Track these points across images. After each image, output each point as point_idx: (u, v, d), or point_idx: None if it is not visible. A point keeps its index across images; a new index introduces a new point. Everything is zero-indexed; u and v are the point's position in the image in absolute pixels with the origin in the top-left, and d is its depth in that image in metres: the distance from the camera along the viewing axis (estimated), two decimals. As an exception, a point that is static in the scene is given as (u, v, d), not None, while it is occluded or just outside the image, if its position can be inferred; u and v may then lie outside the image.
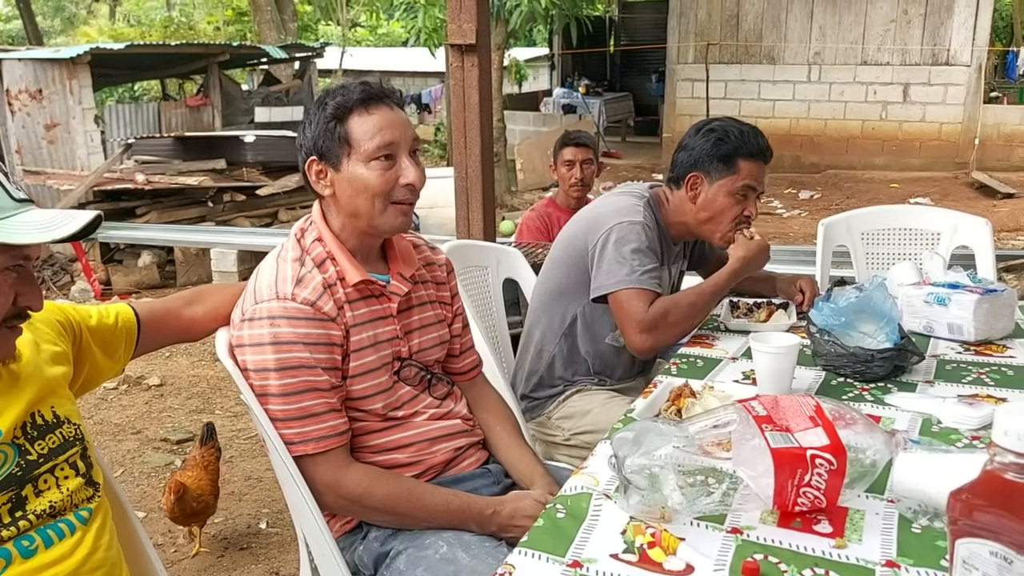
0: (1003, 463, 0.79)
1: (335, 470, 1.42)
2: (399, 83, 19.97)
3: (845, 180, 10.38)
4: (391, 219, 1.46)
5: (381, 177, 1.43)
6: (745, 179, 1.97)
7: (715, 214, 2.00)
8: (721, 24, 11.28)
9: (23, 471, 1.15)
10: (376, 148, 1.42)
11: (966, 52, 10.21)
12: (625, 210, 2.00)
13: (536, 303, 2.18)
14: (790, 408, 1.18)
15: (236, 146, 8.55)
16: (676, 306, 1.93)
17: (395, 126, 1.44)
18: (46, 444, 1.19)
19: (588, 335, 2.09)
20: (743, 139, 1.96)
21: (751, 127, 2.01)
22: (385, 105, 1.44)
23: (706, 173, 1.99)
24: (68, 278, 7.19)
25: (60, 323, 1.31)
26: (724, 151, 1.96)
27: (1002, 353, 1.83)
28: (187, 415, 3.95)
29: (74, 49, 9.30)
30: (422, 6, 9.37)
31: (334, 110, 1.43)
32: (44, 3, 23.56)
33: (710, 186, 1.99)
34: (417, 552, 1.41)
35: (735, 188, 1.97)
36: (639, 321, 1.89)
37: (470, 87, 3.39)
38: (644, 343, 1.91)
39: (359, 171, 1.43)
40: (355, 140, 1.43)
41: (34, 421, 1.19)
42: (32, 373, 1.19)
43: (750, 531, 1.12)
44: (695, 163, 2.00)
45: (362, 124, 1.43)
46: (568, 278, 2.07)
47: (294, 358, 1.38)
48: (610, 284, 1.93)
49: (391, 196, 1.44)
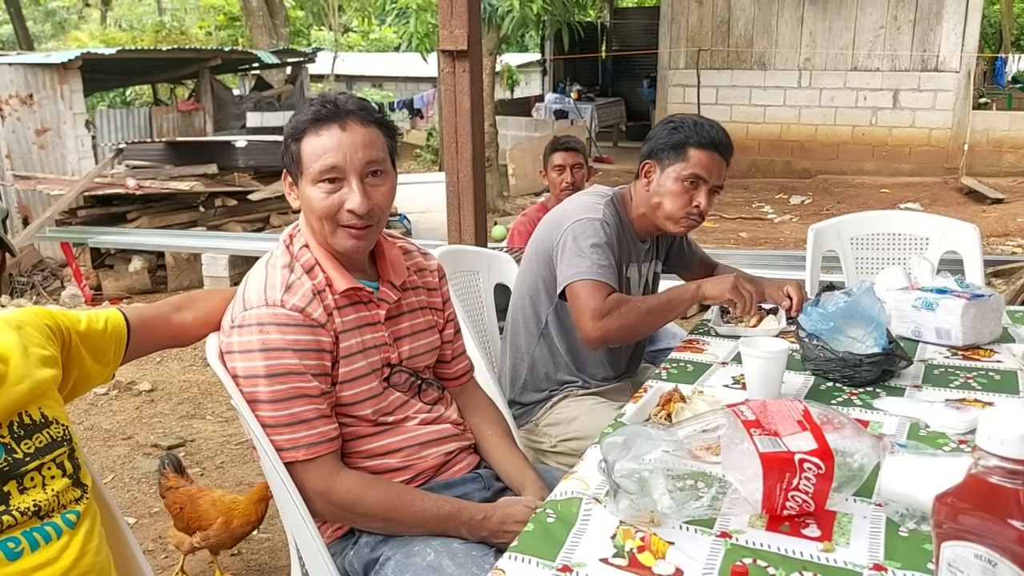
0: (987, 467, 0.80)
1: (325, 477, 1.42)
2: (391, 88, 20.02)
3: (835, 185, 10.42)
4: (341, 241, 1.45)
5: (325, 200, 1.41)
6: (694, 167, 1.98)
7: (663, 197, 2.02)
8: (712, 30, 11.33)
9: (9, 467, 1.14)
10: (319, 172, 1.41)
11: (955, 58, 10.28)
12: (585, 207, 2.05)
13: (514, 306, 2.21)
14: (779, 412, 1.19)
15: (228, 151, 8.54)
16: (630, 304, 1.96)
17: (341, 149, 1.40)
18: (32, 443, 1.18)
19: (562, 333, 2.11)
20: (695, 129, 1.99)
21: (711, 121, 2.03)
22: (337, 125, 1.40)
23: (658, 160, 2.03)
24: (58, 283, 7.17)
25: (49, 327, 1.30)
26: (676, 139, 2.00)
27: (989, 358, 1.85)
28: (178, 420, 3.94)
29: (65, 54, 9.29)
30: (414, 12, 9.38)
31: (291, 129, 1.44)
32: (35, 8, 23.48)
33: (660, 173, 2.03)
34: (405, 559, 1.41)
35: (682, 175, 1.99)
36: (592, 309, 1.91)
37: (462, 92, 3.40)
38: (595, 331, 1.92)
39: (307, 191, 1.43)
40: (304, 161, 1.42)
41: (21, 421, 1.18)
42: (21, 376, 1.19)
43: (739, 535, 1.13)
44: (651, 152, 2.05)
45: (311, 145, 1.41)
46: (538, 277, 2.11)
47: (284, 364, 1.38)
48: (568, 275, 1.97)
49: (337, 220, 1.43)
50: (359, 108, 1.44)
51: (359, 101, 1.46)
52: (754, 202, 9.74)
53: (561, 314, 2.09)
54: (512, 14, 8.74)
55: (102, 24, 24.56)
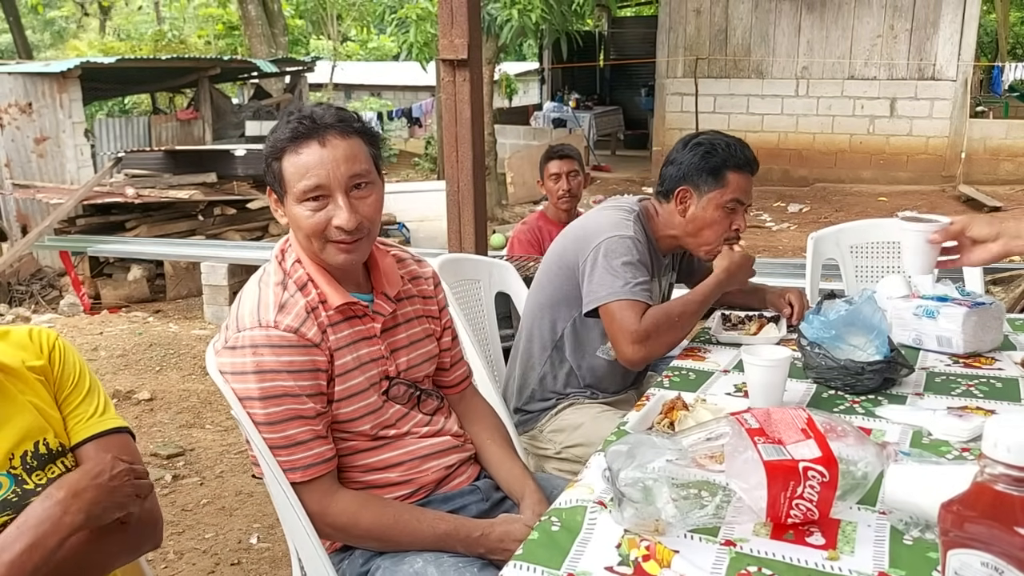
0: (993, 474, 0.80)
1: (321, 499, 1.41)
2: (389, 96, 20.05)
3: (833, 193, 10.44)
4: (332, 256, 1.43)
5: (312, 218, 1.39)
6: (734, 192, 1.99)
7: (704, 227, 2.02)
8: (710, 39, 11.36)
9: (19, 498, 1.14)
10: (302, 191, 1.38)
11: (952, 67, 10.31)
12: (616, 224, 2.01)
13: (527, 316, 2.19)
14: (782, 420, 1.19)
15: (226, 160, 8.55)
16: (667, 317, 1.94)
17: (323, 166, 1.37)
18: (45, 475, 1.18)
19: (577, 348, 2.10)
20: (730, 152, 1.98)
21: (737, 140, 2.02)
22: (316, 142, 1.37)
23: (695, 187, 2.01)
24: (56, 293, 7.15)
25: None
26: (712, 164, 1.98)
27: (991, 365, 1.85)
28: (177, 430, 3.93)
29: (64, 63, 9.29)
30: (413, 21, 9.41)
31: (270, 149, 1.41)
32: (33, 17, 23.52)
33: (699, 199, 2.01)
34: (394, 566, 1.41)
35: (724, 201, 1.99)
36: (632, 332, 1.89)
37: (462, 101, 3.41)
38: (636, 354, 1.91)
39: (293, 210, 1.41)
40: (287, 181, 1.40)
41: (36, 450, 1.17)
42: (35, 406, 1.19)
43: (744, 543, 1.13)
44: (684, 177, 2.02)
45: (292, 164, 1.38)
46: (558, 291, 2.08)
47: (278, 387, 1.36)
48: (602, 296, 1.93)
49: (326, 236, 1.41)
50: (338, 121, 1.40)
51: (337, 112, 1.42)
52: (752, 210, 9.74)
53: (579, 329, 2.08)
54: (511, 23, 8.76)
55: (101, 33, 24.61)
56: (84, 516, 1.10)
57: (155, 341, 5.48)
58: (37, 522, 1.07)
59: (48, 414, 1.22)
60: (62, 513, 1.08)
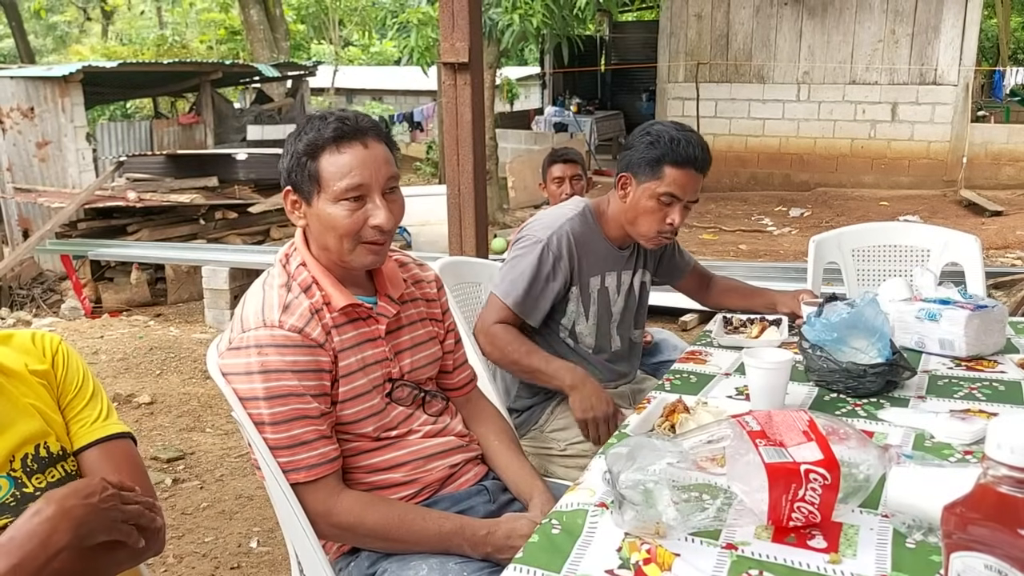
0: (997, 476, 0.80)
1: (326, 499, 1.41)
2: (391, 101, 20.09)
3: (835, 198, 10.43)
4: (360, 257, 1.45)
5: (349, 218, 1.41)
6: (669, 186, 1.96)
7: (639, 215, 2.02)
8: (711, 44, 11.38)
9: (18, 502, 1.13)
10: (344, 190, 1.39)
11: (953, 72, 10.31)
12: (546, 225, 2.07)
13: None
14: (784, 423, 1.19)
15: (228, 164, 8.56)
16: (506, 343, 2.00)
17: (366, 166, 1.40)
18: (45, 478, 1.17)
19: (545, 341, 2.11)
20: (672, 146, 1.94)
21: (689, 135, 1.97)
22: (359, 143, 1.40)
23: (634, 175, 2.01)
24: (58, 296, 7.16)
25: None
26: (652, 155, 1.96)
27: (993, 368, 1.84)
28: (177, 433, 3.92)
29: (66, 67, 9.32)
30: (415, 26, 9.42)
31: (306, 146, 1.41)
32: (36, 22, 23.57)
33: (637, 187, 2.01)
34: (399, 570, 1.40)
35: (656, 193, 1.97)
36: (485, 325, 2.01)
37: (463, 105, 3.41)
38: (482, 344, 2.03)
39: (328, 209, 1.41)
40: (325, 179, 1.40)
41: (37, 453, 1.17)
42: (37, 410, 1.18)
43: (745, 547, 1.12)
44: (628, 164, 2.03)
45: (333, 163, 1.40)
46: None
47: (283, 386, 1.37)
48: (496, 283, 2.05)
49: (360, 236, 1.43)
50: (373, 125, 1.44)
51: (369, 118, 1.46)
52: (753, 215, 9.76)
53: (546, 321, 2.10)
54: (512, 28, 8.77)
55: (103, 38, 24.66)
56: (72, 536, 1.06)
57: (156, 345, 5.48)
58: (24, 540, 1.04)
59: (50, 418, 1.22)
60: (51, 532, 1.05)
